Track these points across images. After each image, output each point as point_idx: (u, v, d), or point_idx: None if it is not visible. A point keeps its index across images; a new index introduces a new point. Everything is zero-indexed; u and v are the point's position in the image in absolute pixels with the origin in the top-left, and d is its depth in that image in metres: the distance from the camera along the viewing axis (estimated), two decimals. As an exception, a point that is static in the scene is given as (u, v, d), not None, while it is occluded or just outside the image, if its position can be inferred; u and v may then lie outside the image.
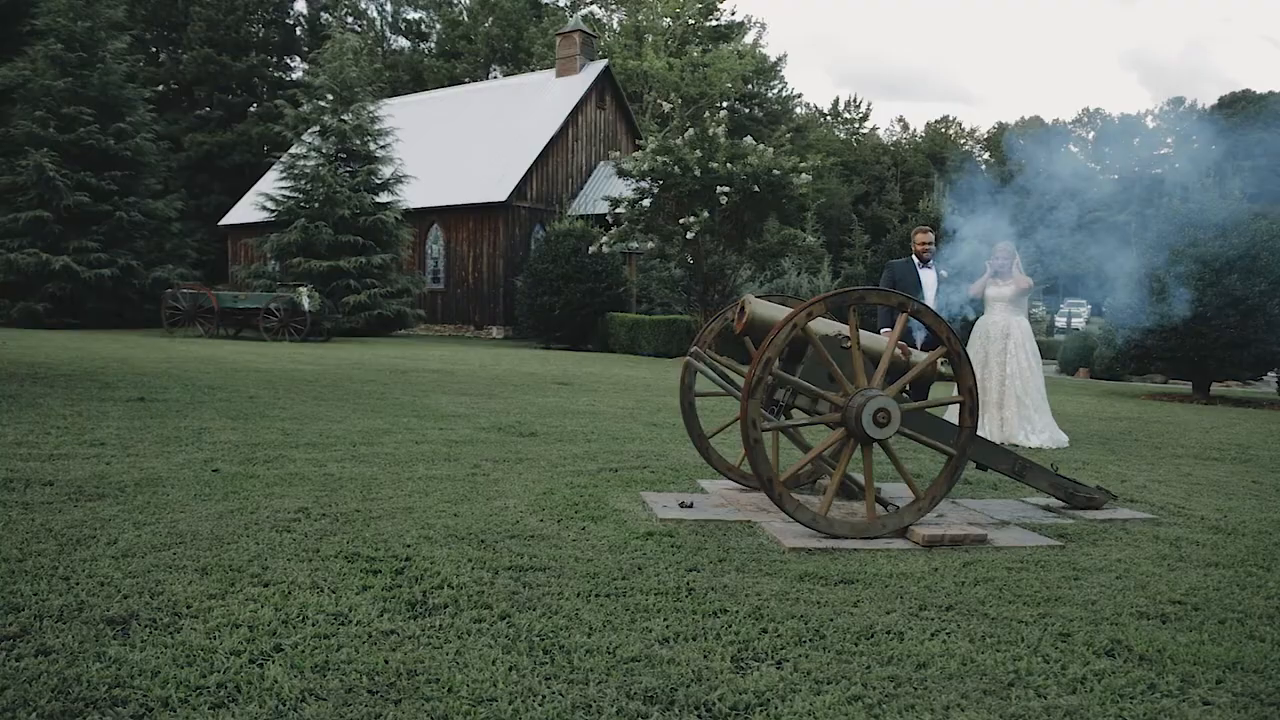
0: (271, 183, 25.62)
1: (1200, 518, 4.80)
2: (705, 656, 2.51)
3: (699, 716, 2.16)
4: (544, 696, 2.21)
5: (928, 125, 68.77)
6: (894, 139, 67.91)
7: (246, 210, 30.82)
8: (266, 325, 19.28)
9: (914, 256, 7.94)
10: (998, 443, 7.31)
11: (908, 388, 4.87)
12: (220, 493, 4.29)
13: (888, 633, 2.78)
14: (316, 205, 22.93)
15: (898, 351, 4.56)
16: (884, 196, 56.33)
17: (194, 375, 10.22)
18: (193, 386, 8.89)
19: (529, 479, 5.11)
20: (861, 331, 4.52)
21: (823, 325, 4.44)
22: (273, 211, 23.76)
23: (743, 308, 4.48)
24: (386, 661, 2.39)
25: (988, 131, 66.88)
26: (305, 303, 19.16)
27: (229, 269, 30.90)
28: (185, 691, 2.16)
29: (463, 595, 2.94)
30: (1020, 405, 7.41)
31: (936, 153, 61.23)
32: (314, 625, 2.63)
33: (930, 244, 7.88)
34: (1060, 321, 36.97)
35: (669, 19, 44.22)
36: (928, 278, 7.78)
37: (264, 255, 24.31)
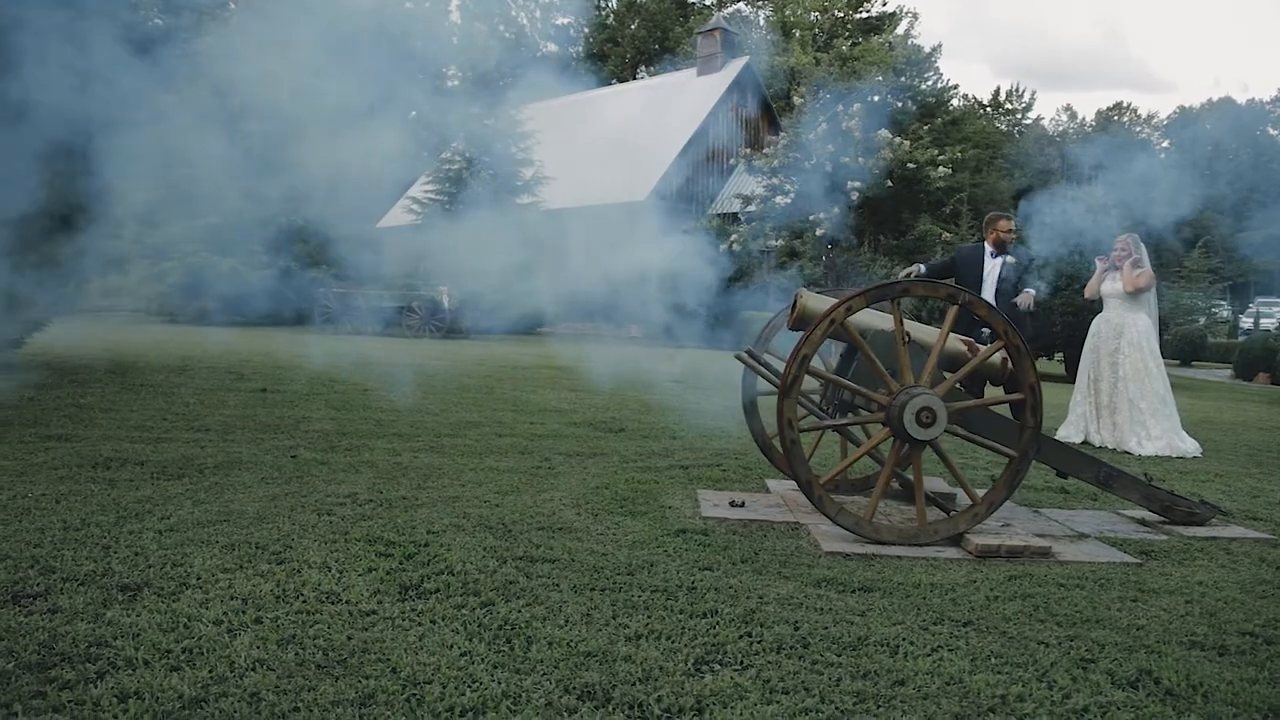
0: (419, 187, 26.97)
1: (1331, 541, 4.24)
2: (667, 657, 2.43)
3: (627, 716, 2.09)
4: (480, 684, 2.20)
5: (1098, 113, 64.21)
6: (1060, 129, 63.85)
7: (397, 214, 32.59)
8: (408, 323, 20.31)
9: (984, 244, 7.25)
10: (1112, 449, 6.75)
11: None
12: (286, 476, 4.53)
13: (881, 645, 2.59)
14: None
15: (963, 348, 4.26)
16: (1049, 189, 53.16)
17: (324, 368, 10.87)
18: (315, 379, 9.45)
19: (591, 473, 5.11)
20: (916, 325, 4.27)
21: (879, 319, 4.21)
22: (418, 214, 25.00)
23: (795, 301, 4.32)
24: (349, 639, 2.44)
25: (1168, 117, 61.78)
26: (445, 301, 20.05)
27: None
28: (152, 654, 2.29)
29: (457, 582, 2.97)
30: (1133, 409, 6.72)
31: (1109, 142, 57.10)
32: (303, 601, 2.72)
33: (1012, 231, 7.22)
34: (1247, 322, 33.18)
35: (816, 13, 43.31)
36: (992, 266, 7.05)
37: (411, 256, 25.63)
